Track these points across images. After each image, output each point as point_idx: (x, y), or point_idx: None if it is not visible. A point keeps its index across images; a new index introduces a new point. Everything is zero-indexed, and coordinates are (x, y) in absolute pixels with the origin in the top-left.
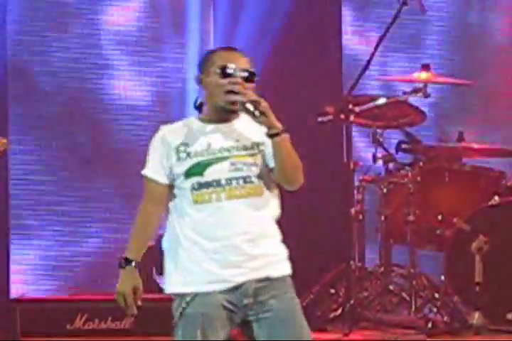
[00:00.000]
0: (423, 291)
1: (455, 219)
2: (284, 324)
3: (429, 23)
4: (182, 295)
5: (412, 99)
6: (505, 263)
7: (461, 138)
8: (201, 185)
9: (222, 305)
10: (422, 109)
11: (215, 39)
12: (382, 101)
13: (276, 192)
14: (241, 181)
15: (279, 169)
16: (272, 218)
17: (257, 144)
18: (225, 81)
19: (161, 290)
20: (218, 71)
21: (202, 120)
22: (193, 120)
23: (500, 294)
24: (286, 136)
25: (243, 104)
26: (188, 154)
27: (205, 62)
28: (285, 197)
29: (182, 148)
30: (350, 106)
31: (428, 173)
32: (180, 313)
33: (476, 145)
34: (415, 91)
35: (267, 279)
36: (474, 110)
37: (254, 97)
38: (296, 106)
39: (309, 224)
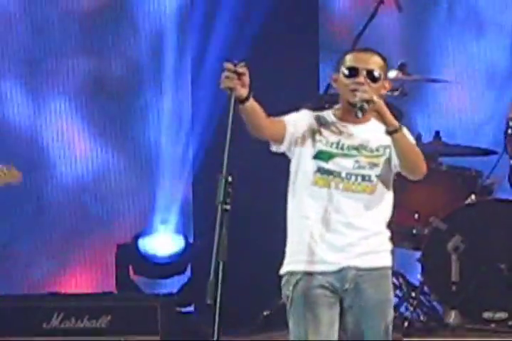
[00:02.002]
0: (399, 290)
1: (431, 218)
2: (375, 315)
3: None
4: (290, 274)
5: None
6: (482, 262)
7: (437, 137)
8: (324, 171)
9: (324, 286)
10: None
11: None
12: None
13: (390, 195)
14: (359, 178)
15: (402, 162)
16: (380, 217)
17: (384, 147)
18: (349, 81)
19: (138, 290)
20: (344, 71)
21: (336, 116)
22: (329, 113)
23: (476, 293)
24: (404, 132)
25: (357, 103)
26: (322, 140)
27: (339, 62)
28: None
29: (319, 132)
30: (327, 106)
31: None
32: (288, 296)
33: (452, 144)
34: (392, 90)
35: (368, 268)
36: (451, 109)
37: (367, 96)
38: (272, 106)
39: None
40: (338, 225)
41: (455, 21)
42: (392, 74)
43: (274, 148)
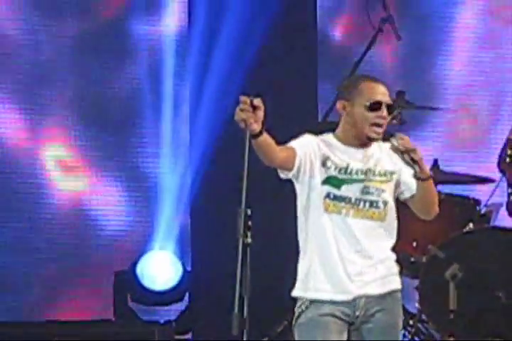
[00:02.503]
0: None
1: (429, 246)
2: (383, 337)
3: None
4: (303, 299)
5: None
6: (479, 290)
7: (435, 165)
8: (336, 197)
9: (335, 315)
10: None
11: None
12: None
13: (395, 221)
14: (368, 204)
15: (421, 206)
16: (389, 243)
17: (391, 173)
18: (371, 114)
19: (136, 317)
20: (367, 104)
21: (340, 140)
22: (331, 138)
23: (474, 321)
24: (431, 181)
25: (402, 153)
26: (333, 166)
27: (351, 89)
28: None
29: (328, 158)
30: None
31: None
32: (298, 320)
33: (450, 173)
34: (391, 117)
35: (378, 295)
36: (449, 137)
37: (411, 147)
38: (271, 133)
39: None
40: (351, 253)
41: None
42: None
43: (283, 175)
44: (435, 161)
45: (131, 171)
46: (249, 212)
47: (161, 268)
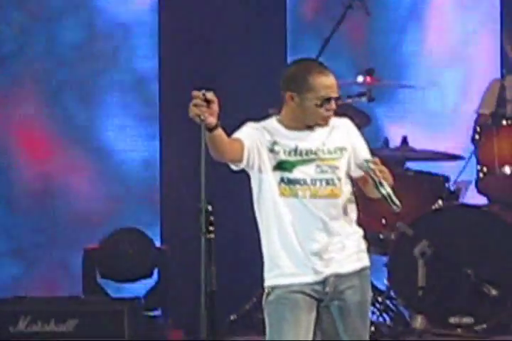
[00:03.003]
0: None
1: (398, 224)
2: (352, 316)
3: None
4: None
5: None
6: (448, 267)
7: (404, 142)
8: (290, 181)
9: (305, 292)
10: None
11: None
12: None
13: (353, 195)
14: (324, 182)
15: (370, 194)
16: (351, 218)
17: (341, 149)
18: (323, 110)
19: (105, 294)
20: (319, 103)
21: (285, 126)
22: (274, 124)
23: (442, 298)
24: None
25: (374, 180)
26: (281, 150)
27: (301, 83)
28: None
29: (275, 143)
30: None
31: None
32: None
33: (419, 150)
34: (359, 95)
35: (348, 273)
36: (418, 114)
37: (386, 178)
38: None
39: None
40: (314, 233)
41: (420, 27)
42: (360, 79)
43: (234, 167)
44: (404, 138)
45: (100, 146)
46: (209, 208)
47: (130, 245)
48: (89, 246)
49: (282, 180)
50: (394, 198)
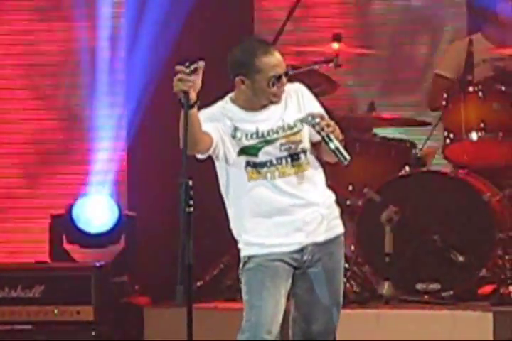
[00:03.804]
0: None
1: (365, 190)
2: (329, 282)
3: None
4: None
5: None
6: (415, 233)
7: (371, 108)
8: (256, 165)
9: (283, 260)
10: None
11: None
12: (292, 70)
13: (317, 161)
14: (289, 159)
15: (324, 156)
16: (321, 184)
17: (300, 120)
18: (274, 88)
19: (71, 259)
20: (270, 83)
21: (242, 107)
22: (231, 106)
23: (409, 264)
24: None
25: (321, 134)
26: (243, 135)
27: (247, 66)
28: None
29: (236, 128)
30: None
31: None
32: (245, 266)
33: (386, 116)
34: (326, 61)
35: (325, 241)
36: (385, 81)
37: (335, 131)
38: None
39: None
40: (290, 209)
41: None
42: (327, 45)
43: (199, 156)
44: (371, 104)
45: (66, 112)
46: (190, 183)
47: (97, 211)
48: (56, 212)
49: (248, 164)
50: (343, 151)
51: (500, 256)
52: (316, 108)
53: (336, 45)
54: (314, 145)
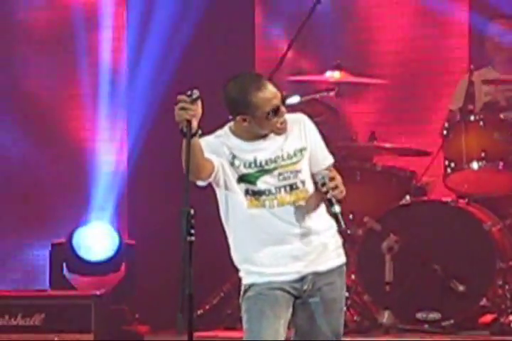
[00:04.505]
0: None
1: (366, 219)
2: (329, 312)
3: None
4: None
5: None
6: (415, 262)
7: (372, 137)
8: (255, 193)
9: (284, 289)
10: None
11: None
12: (295, 99)
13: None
14: (288, 188)
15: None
16: (321, 214)
17: (300, 150)
18: (275, 119)
19: (72, 287)
20: (269, 116)
21: (241, 138)
22: (230, 137)
23: (409, 294)
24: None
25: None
26: (242, 163)
27: (245, 105)
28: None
29: (235, 157)
30: None
31: (339, 173)
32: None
33: (387, 145)
34: (328, 90)
35: (326, 271)
36: (387, 110)
37: (340, 192)
38: (208, 110)
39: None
40: (290, 239)
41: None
42: (328, 74)
43: (200, 183)
44: (372, 133)
45: (66, 140)
46: (192, 211)
47: (97, 239)
48: (57, 240)
49: (247, 192)
50: (341, 218)
51: (501, 286)
52: (318, 141)
53: (336, 74)
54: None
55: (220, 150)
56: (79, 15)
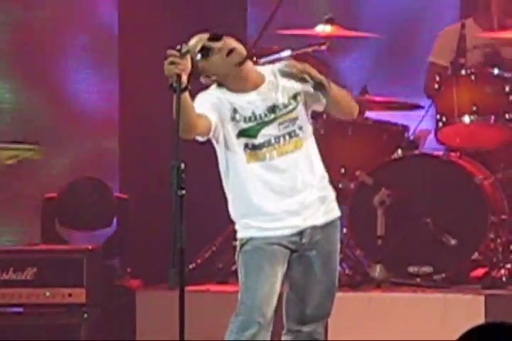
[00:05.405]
0: None
1: (358, 173)
2: (324, 266)
3: None
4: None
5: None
6: (407, 216)
7: (364, 91)
8: (255, 147)
9: (282, 244)
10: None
11: None
12: (286, 53)
13: (313, 138)
14: (287, 137)
15: (336, 110)
16: (317, 164)
17: (294, 96)
18: (218, 55)
19: (63, 242)
20: (200, 54)
21: (231, 90)
22: (224, 91)
23: (401, 247)
24: (334, 86)
25: (298, 77)
26: (241, 118)
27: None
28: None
29: (234, 111)
30: (255, 59)
31: (331, 127)
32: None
33: (379, 99)
34: (319, 44)
35: (323, 224)
36: (378, 64)
37: (301, 67)
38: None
39: (217, 176)
40: (289, 192)
41: None
42: (320, 28)
43: (199, 138)
44: (364, 87)
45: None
46: (182, 165)
47: (89, 193)
48: (49, 195)
49: (247, 146)
50: (325, 82)
51: (493, 239)
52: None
53: (328, 28)
54: (324, 110)
55: (220, 105)
56: None
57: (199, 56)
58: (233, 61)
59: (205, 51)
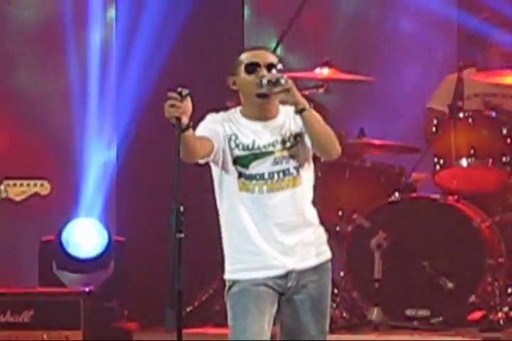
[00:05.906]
0: None
1: (355, 215)
2: (313, 310)
3: (332, 19)
4: (235, 281)
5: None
6: (404, 259)
7: (362, 134)
8: (246, 176)
9: (268, 285)
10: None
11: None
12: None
13: (312, 180)
14: (281, 174)
15: (314, 142)
16: (308, 206)
17: (295, 136)
18: (252, 77)
19: (61, 284)
20: (243, 68)
21: (245, 116)
22: (237, 115)
23: (399, 290)
24: (312, 111)
25: (265, 88)
26: (237, 145)
27: (235, 65)
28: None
29: (233, 138)
30: None
31: (329, 169)
32: (230, 292)
33: (376, 142)
34: (317, 86)
35: (310, 268)
36: (375, 106)
37: (278, 75)
38: (197, 102)
39: (215, 219)
40: (276, 231)
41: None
42: (317, 71)
43: (200, 161)
44: (361, 130)
45: (56, 136)
46: (181, 208)
47: (86, 236)
48: (46, 237)
49: (240, 175)
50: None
51: (490, 283)
52: None
53: (325, 71)
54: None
55: (221, 129)
56: (68, 14)
57: (249, 68)
58: (250, 80)
59: (251, 67)
